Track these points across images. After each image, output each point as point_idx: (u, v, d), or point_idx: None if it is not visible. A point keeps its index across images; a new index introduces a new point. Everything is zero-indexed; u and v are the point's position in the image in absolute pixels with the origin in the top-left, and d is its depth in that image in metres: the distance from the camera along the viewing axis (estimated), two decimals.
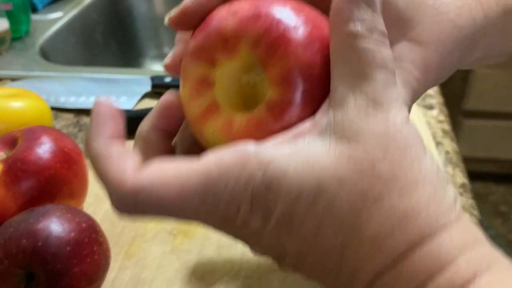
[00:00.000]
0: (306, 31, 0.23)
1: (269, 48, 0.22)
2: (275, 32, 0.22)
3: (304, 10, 0.24)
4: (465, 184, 0.46)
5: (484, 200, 1.68)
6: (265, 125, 0.23)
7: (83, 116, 0.59)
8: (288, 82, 0.22)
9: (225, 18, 0.24)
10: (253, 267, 0.38)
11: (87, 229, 0.33)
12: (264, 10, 0.23)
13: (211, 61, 0.24)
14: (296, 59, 0.22)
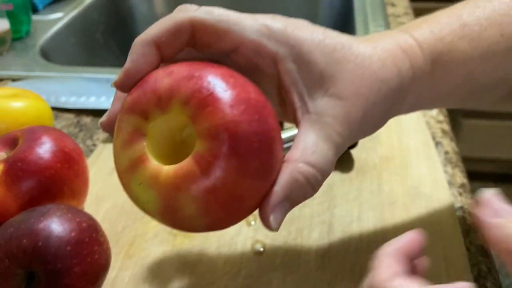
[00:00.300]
0: (234, 93, 0.25)
1: (198, 106, 0.24)
2: (205, 92, 0.24)
3: (234, 76, 0.26)
4: (464, 184, 0.46)
5: None
6: (191, 176, 0.24)
7: (84, 116, 0.59)
8: (214, 137, 0.24)
9: (161, 77, 0.25)
10: (253, 266, 0.38)
11: (88, 229, 0.33)
12: (197, 72, 0.25)
13: (144, 115, 0.25)
14: (222, 116, 0.24)
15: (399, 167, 0.47)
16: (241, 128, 0.24)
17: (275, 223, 0.27)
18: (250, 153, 0.24)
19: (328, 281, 0.36)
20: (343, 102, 0.28)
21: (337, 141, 0.28)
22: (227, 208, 0.25)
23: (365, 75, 0.29)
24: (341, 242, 0.40)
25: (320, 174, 0.27)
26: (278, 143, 0.26)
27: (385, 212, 0.42)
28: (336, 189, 0.45)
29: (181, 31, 0.27)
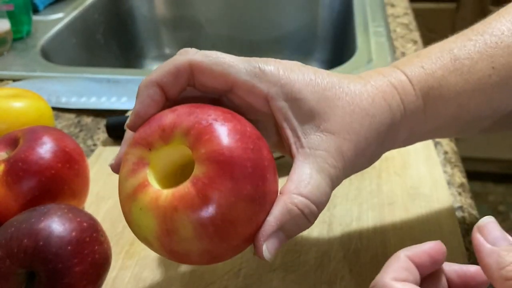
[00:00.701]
0: (230, 125, 0.27)
1: (197, 134, 0.26)
2: (204, 123, 0.27)
3: (231, 113, 0.28)
4: (464, 184, 0.46)
5: (483, 200, 1.68)
6: (188, 197, 0.26)
7: (84, 116, 0.59)
8: (210, 161, 0.26)
9: (165, 115, 0.28)
10: (253, 266, 0.38)
11: (88, 228, 0.33)
12: (198, 109, 0.28)
13: (148, 146, 0.28)
14: (218, 142, 0.26)
15: (398, 167, 0.47)
16: (236, 154, 0.26)
17: (267, 253, 0.27)
18: (244, 177, 0.26)
19: (328, 281, 0.37)
20: (335, 136, 0.29)
21: (331, 173, 0.29)
22: (221, 231, 0.26)
23: (356, 111, 0.30)
24: (340, 242, 0.40)
25: (314, 205, 0.28)
26: (272, 174, 0.28)
27: (384, 212, 0.42)
28: (336, 188, 0.45)
29: (181, 72, 0.30)
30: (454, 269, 0.28)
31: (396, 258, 0.27)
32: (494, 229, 0.26)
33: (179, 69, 0.29)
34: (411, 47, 0.74)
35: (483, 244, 0.25)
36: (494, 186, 1.73)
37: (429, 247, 0.27)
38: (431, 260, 0.27)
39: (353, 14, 0.83)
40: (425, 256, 0.27)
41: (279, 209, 0.27)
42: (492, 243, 0.25)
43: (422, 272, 0.27)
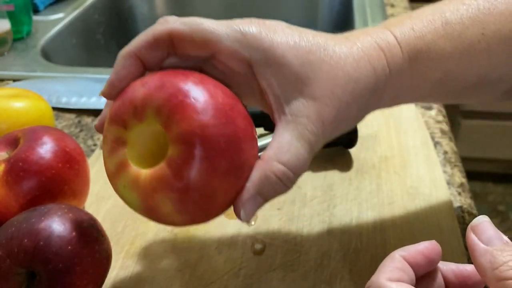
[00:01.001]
0: (201, 99, 0.27)
1: (169, 114, 0.26)
2: (174, 101, 0.26)
3: (203, 82, 0.28)
4: (463, 184, 0.46)
5: (482, 199, 1.68)
6: (165, 178, 0.26)
7: (85, 116, 0.59)
8: (183, 142, 0.26)
9: (137, 88, 0.28)
10: (253, 266, 0.38)
11: (89, 228, 0.33)
12: (168, 82, 0.27)
13: (123, 125, 0.28)
14: (190, 122, 0.26)
15: (398, 167, 0.48)
16: (208, 132, 0.26)
17: (244, 215, 0.28)
18: (218, 155, 0.26)
19: (328, 281, 0.37)
20: (316, 102, 0.29)
21: (311, 139, 0.29)
22: (201, 205, 0.27)
23: (339, 76, 0.30)
24: (340, 242, 0.40)
25: (292, 172, 0.28)
26: (248, 142, 0.28)
27: (384, 212, 0.42)
28: (336, 188, 0.45)
29: (160, 42, 0.29)
30: (451, 269, 0.28)
31: (391, 259, 0.27)
32: (488, 229, 0.26)
33: (158, 39, 0.29)
34: None
35: (477, 243, 0.25)
36: (493, 186, 1.73)
37: (424, 247, 0.27)
38: (426, 260, 0.27)
39: (353, 14, 0.83)
40: (420, 256, 0.27)
41: (258, 176, 0.28)
42: (486, 243, 0.25)
43: (417, 272, 0.27)
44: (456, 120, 1.56)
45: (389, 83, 0.32)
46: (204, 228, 0.42)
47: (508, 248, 0.24)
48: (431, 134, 0.52)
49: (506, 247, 0.24)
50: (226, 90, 0.29)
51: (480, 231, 0.26)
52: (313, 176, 0.47)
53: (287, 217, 0.43)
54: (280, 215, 0.43)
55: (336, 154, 0.50)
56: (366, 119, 0.54)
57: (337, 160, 0.49)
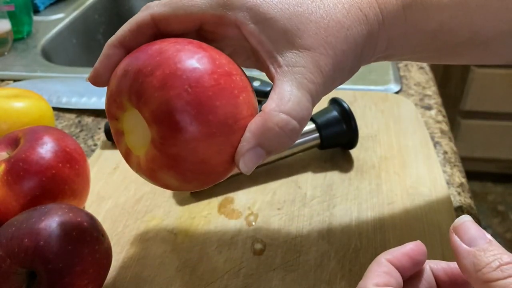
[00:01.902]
0: (159, 73, 0.26)
1: (137, 98, 0.27)
2: (136, 85, 0.27)
3: (162, 52, 0.27)
4: (463, 184, 0.46)
5: (482, 199, 1.68)
6: (156, 158, 0.27)
7: (85, 116, 0.59)
8: (155, 122, 0.26)
9: (112, 81, 0.29)
10: (253, 266, 0.38)
11: (89, 228, 0.33)
12: (130, 65, 0.27)
13: (115, 118, 0.29)
14: (153, 101, 0.26)
15: (398, 167, 0.48)
16: (172, 106, 0.26)
17: (244, 166, 0.28)
18: (192, 122, 0.26)
19: (328, 281, 0.37)
20: (311, 52, 0.29)
21: (311, 88, 0.29)
22: (200, 171, 0.28)
23: (330, 25, 0.30)
24: (340, 242, 0.40)
25: (296, 121, 0.28)
26: (225, 97, 0.27)
27: (384, 212, 0.42)
28: (336, 188, 0.45)
29: (143, 28, 0.30)
30: (442, 267, 0.28)
31: (377, 263, 0.27)
32: (470, 228, 0.25)
33: (141, 25, 0.30)
34: None
35: (459, 245, 0.25)
36: (493, 186, 1.73)
37: (409, 248, 0.27)
38: (412, 262, 0.27)
39: None
40: (405, 258, 0.27)
41: (257, 126, 0.28)
42: (468, 243, 0.25)
43: (404, 274, 0.27)
44: (456, 120, 1.56)
45: (382, 30, 0.32)
46: (204, 228, 0.42)
47: (491, 247, 0.24)
48: (430, 134, 0.52)
49: (489, 247, 0.24)
50: (190, 49, 0.28)
51: (462, 232, 0.25)
52: (313, 176, 0.47)
53: (287, 217, 0.43)
54: (280, 215, 0.43)
55: (336, 154, 0.50)
56: (366, 119, 0.54)
57: (337, 160, 0.49)
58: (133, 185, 0.47)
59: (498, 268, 0.23)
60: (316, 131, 0.47)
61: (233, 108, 0.27)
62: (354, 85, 0.63)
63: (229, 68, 0.28)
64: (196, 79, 0.26)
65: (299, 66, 0.29)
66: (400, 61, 0.69)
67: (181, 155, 0.27)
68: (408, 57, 0.36)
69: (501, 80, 1.46)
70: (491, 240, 0.24)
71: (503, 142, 1.58)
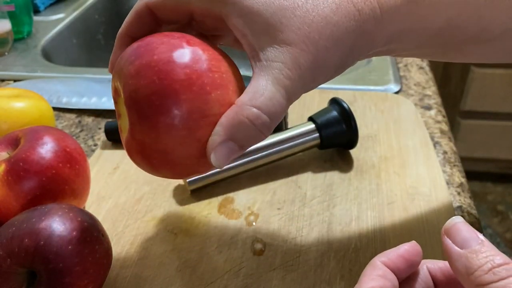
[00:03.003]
0: (136, 63, 0.27)
1: (120, 83, 0.28)
2: (119, 71, 0.28)
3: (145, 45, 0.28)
4: (463, 184, 0.46)
5: (482, 199, 1.68)
6: (129, 141, 0.29)
7: (85, 116, 0.59)
8: (127, 108, 0.28)
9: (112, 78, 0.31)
10: (253, 265, 0.38)
11: (89, 228, 0.33)
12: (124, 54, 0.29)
13: (116, 101, 0.31)
14: (127, 89, 0.28)
15: (398, 167, 0.48)
16: (139, 94, 0.27)
17: (216, 160, 0.28)
18: (154, 112, 0.27)
19: (328, 280, 0.37)
20: (291, 48, 0.28)
21: (286, 84, 0.28)
22: (164, 161, 0.29)
23: (316, 20, 0.29)
24: (340, 242, 0.40)
25: (267, 116, 0.28)
26: (193, 92, 0.27)
27: (384, 212, 0.43)
28: (335, 188, 0.45)
29: (142, 17, 0.31)
30: (439, 267, 0.28)
31: (372, 266, 0.27)
32: (461, 230, 0.25)
33: (139, 14, 0.31)
34: None
35: (450, 247, 0.24)
36: (493, 186, 1.73)
37: (404, 250, 0.27)
38: (407, 263, 0.27)
39: None
40: (400, 260, 0.27)
41: (228, 119, 0.28)
42: (460, 245, 0.24)
43: (399, 276, 0.27)
44: (456, 120, 1.56)
45: (380, 26, 0.30)
46: (204, 228, 0.42)
47: (484, 248, 0.24)
48: (430, 134, 0.52)
49: (482, 248, 0.24)
50: (176, 43, 0.28)
51: (453, 234, 0.25)
52: (313, 176, 0.47)
53: (287, 217, 0.43)
54: (280, 215, 0.43)
55: (336, 154, 0.50)
56: (366, 120, 0.54)
57: (337, 160, 0.49)
58: (133, 185, 0.47)
59: (490, 271, 0.23)
60: (316, 131, 0.47)
61: (201, 103, 0.27)
62: (354, 85, 0.63)
63: (210, 65, 0.28)
64: (167, 72, 0.27)
65: (277, 61, 0.28)
66: (400, 61, 0.69)
67: (145, 142, 0.28)
68: (411, 52, 0.35)
69: (501, 80, 1.46)
70: (483, 241, 0.24)
71: (502, 142, 1.58)
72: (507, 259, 0.23)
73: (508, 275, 0.22)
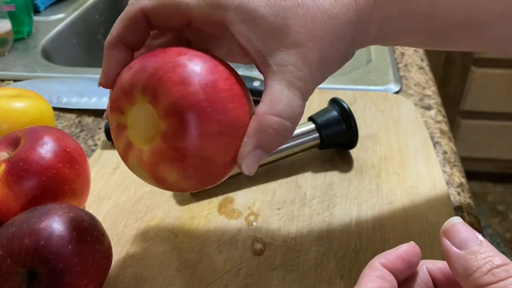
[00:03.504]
0: (179, 71, 0.28)
1: (153, 91, 0.28)
2: (155, 78, 0.28)
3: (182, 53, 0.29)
4: (463, 184, 0.46)
5: (481, 199, 1.68)
6: (163, 152, 0.28)
7: (85, 116, 0.59)
8: (170, 115, 0.27)
9: (123, 75, 0.29)
10: (253, 265, 0.38)
11: (89, 228, 0.34)
12: (148, 62, 0.28)
13: (120, 111, 0.29)
14: (171, 95, 0.27)
15: (397, 167, 0.48)
16: (189, 100, 0.27)
17: (247, 169, 0.29)
18: (204, 119, 0.27)
19: (328, 280, 0.37)
20: (299, 48, 0.29)
21: (301, 86, 0.29)
22: (203, 169, 0.29)
23: (318, 16, 0.29)
24: (340, 242, 0.40)
25: (289, 121, 0.29)
26: (235, 100, 0.29)
27: (384, 212, 0.43)
28: (336, 188, 0.46)
29: (136, 23, 0.30)
30: (439, 267, 0.28)
31: (371, 268, 0.26)
32: (460, 231, 0.25)
33: (133, 20, 0.30)
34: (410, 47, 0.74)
35: (449, 248, 0.24)
36: (493, 186, 1.73)
37: (403, 250, 0.27)
38: (406, 264, 0.27)
39: None
40: (399, 261, 0.27)
41: (254, 130, 0.29)
42: (459, 246, 0.24)
43: (398, 277, 0.27)
44: (456, 120, 1.56)
45: (374, 13, 0.31)
46: (204, 228, 0.42)
47: (483, 249, 0.23)
48: (430, 134, 0.52)
49: (481, 249, 0.23)
50: (205, 56, 0.29)
51: (452, 235, 0.25)
52: (313, 176, 0.47)
53: (287, 217, 0.43)
54: (280, 215, 0.43)
55: (336, 154, 0.50)
56: (366, 120, 0.54)
57: (337, 160, 0.49)
58: (133, 185, 0.47)
59: (489, 272, 0.22)
60: (316, 131, 0.47)
61: (241, 113, 0.29)
62: (354, 85, 0.63)
63: (238, 79, 0.30)
64: (213, 81, 0.28)
65: (288, 65, 0.29)
66: (400, 61, 0.69)
67: (189, 149, 0.28)
68: (401, 41, 0.35)
69: (500, 80, 1.46)
70: (482, 241, 0.24)
71: (502, 142, 1.58)
72: (506, 260, 0.23)
73: (507, 276, 0.22)
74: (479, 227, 0.42)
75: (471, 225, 0.42)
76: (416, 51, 0.73)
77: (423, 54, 0.72)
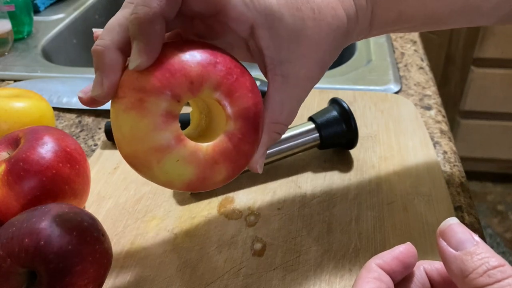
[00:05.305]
0: (247, 80, 0.30)
1: (228, 91, 0.28)
2: (231, 79, 0.29)
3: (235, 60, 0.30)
4: (463, 184, 0.46)
5: (481, 199, 1.68)
6: (227, 151, 0.29)
7: (85, 116, 0.59)
8: (242, 118, 0.29)
9: (188, 63, 0.27)
10: (253, 265, 0.38)
11: (89, 228, 0.34)
12: (218, 58, 0.28)
13: (177, 98, 0.27)
14: (247, 100, 0.29)
15: (397, 167, 0.48)
16: (258, 110, 0.30)
17: (260, 169, 0.33)
18: (257, 126, 0.30)
19: (328, 280, 0.37)
20: (304, 60, 0.32)
21: (301, 96, 0.33)
22: (240, 169, 0.31)
23: (323, 28, 0.32)
24: (340, 241, 0.40)
25: (286, 125, 0.34)
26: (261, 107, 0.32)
27: (383, 212, 0.43)
28: (336, 188, 0.46)
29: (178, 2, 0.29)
30: (436, 268, 0.28)
31: (367, 269, 0.27)
32: (456, 232, 0.24)
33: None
34: (410, 47, 0.74)
35: (445, 250, 0.24)
36: (492, 186, 1.73)
37: (399, 252, 0.27)
38: (402, 265, 0.27)
39: None
40: (395, 262, 0.27)
41: (266, 138, 0.33)
42: (455, 247, 0.24)
43: (394, 278, 0.27)
44: (456, 120, 1.56)
45: (357, 25, 0.34)
46: (204, 228, 0.42)
47: (479, 250, 0.23)
48: (430, 134, 0.52)
49: (477, 250, 0.23)
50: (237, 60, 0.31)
51: (448, 236, 0.25)
52: (313, 176, 0.47)
53: (287, 217, 0.43)
54: (280, 215, 0.43)
55: (336, 154, 0.50)
56: (366, 120, 0.54)
57: (337, 160, 0.49)
58: (133, 185, 0.47)
59: (485, 274, 0.22)
60: (316, 131, 0.48)
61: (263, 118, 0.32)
62: (354, 85, 0.63)
63: None
64: (257, 92, 0.31)
65: (292, 77, 0.32)
66: (400, 61, 0.69)
67: (248, 153, 0.30)
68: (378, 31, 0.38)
69: (500, 80, 1.46)
70: (478, 242, 0.24)
71: (502, 142, 1.58)
72: (502, 261, 0.23)
73: (503, 277, 0.22)
74: (479, 227, 0.42)
75: (471, 225, 0.42)
76: (416, 51, 0.73)
77: (423, 54, 0.72)
